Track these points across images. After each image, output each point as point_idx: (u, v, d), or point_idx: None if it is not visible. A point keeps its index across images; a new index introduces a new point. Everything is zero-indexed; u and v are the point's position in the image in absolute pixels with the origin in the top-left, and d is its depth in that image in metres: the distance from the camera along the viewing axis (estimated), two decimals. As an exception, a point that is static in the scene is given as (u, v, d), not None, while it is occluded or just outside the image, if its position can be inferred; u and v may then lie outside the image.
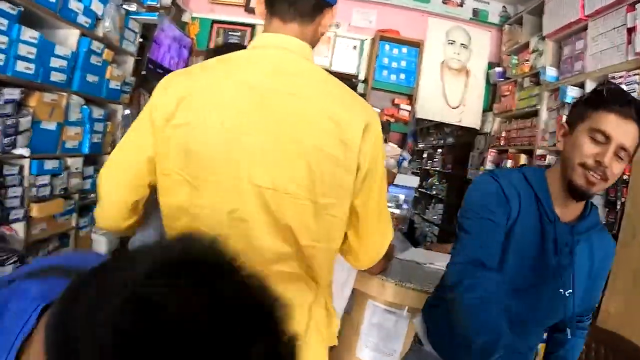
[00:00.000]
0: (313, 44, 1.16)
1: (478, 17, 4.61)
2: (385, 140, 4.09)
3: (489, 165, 4.31)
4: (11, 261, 2.15)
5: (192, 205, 1.08)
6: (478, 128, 4.66)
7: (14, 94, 2.23)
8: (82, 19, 2.69)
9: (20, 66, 2.24)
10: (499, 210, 1.24)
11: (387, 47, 4.43)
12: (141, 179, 1.13)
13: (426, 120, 4.89)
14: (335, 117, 1.05)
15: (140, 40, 3.48)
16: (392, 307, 2.14)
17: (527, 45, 3.98)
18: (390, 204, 2.93)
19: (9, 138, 2.23)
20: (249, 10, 4.38)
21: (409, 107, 4.45)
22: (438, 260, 2.35)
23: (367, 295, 2.21)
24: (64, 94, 2.64)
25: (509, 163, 3.94)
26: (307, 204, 1.06)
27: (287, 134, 1.04)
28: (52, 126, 2.58)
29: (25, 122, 2.32)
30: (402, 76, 4.44)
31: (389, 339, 2.15)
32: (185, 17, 4.25)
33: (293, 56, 1.09)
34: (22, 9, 2.19)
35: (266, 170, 1.04)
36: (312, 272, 1.15)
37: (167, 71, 3.81)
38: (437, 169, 7.13)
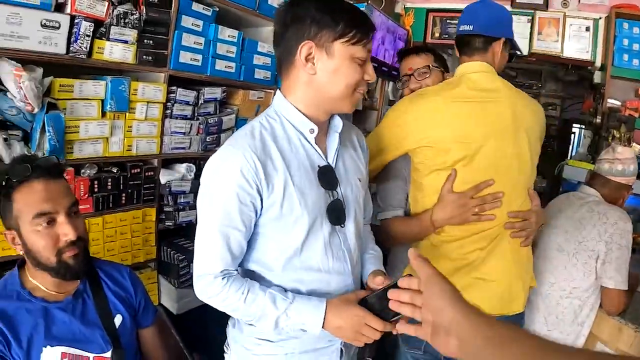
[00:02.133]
0: None
1: None
2: (629, 140, 3.19)
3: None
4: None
5: None
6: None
7: (215, 92, 2.26)
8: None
9: (220, 65, 2.28)
10: None
11: (625, 25, 3.40)
12: None
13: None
14: None
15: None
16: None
17: None
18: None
19: (212, 136, 2.28)
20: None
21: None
22: None
23: (598, 337, 1.90)
24: (270, 90, 2.63)
25: None
26: None
27: None
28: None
29: (228, 120, 2.35)
30: (647, 60, 3.36)
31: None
32: (398, 8, 4.00)
33: None
34: (217, 9, 2.22)
35: None
36: None
37: (382, 64, 3.67)
38: None
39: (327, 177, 1.28)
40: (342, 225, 1.31)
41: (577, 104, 5.51)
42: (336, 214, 1.29)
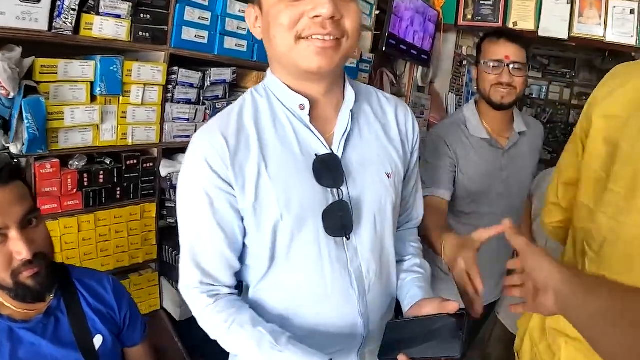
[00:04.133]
0: None
1: None
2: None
3: None
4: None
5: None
6: None
7: (224, 74, 2.02)
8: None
9: (230, 43, 2.03)
10: None
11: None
12: None
13: None
14: None
15: (377, 12, 3.07)
16: None
17: None
18: None
19: (220, 122, 2.04)
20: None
21: None
22: None
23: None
24: (287, 73, 2.36)
25: None
26: None
27: None
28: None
29: (238, 104, 2.11)
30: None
31: None
32: (429, -12, 3.68)
33: None
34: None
35: None
36: None
37: (411, 47, 3.38)
38: None
39: (327, 169, 0.98)
40: (347, 238, 1.01)
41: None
42: (336, 221, 0.97)
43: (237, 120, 0.98)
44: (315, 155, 0.98)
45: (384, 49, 3.07)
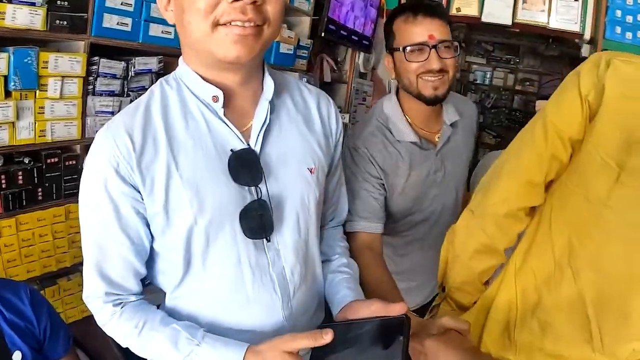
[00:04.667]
0: None
1: None
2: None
3: None
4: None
5: None
6: None
7: (149, 63, 1.92)
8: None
9: (156, 30, 1.93)
10: None
11: (619, -6, 3.08)
12: None
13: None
14: None
15: (316, -3, 3.02)
16: None
17: None
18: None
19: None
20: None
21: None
22: None
23: None
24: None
25: None
26: None
27: None
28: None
29: (168, 95, 2.01)
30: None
31: None
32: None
33: None
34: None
35: None
36: None
37: (352, 33, 3.35)
38: None
39: (244, 166, 0.91)
40: (268, 240, 0.94)
41: (556, 80, 5.33)
42: (255, 221, 0.91)
43: (143, 115, 0.89)
44: (231, 151, 0.91)
45: (323, 34, 3.02)
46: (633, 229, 0.85)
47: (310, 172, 1.00)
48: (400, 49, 1.42)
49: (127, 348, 0.96)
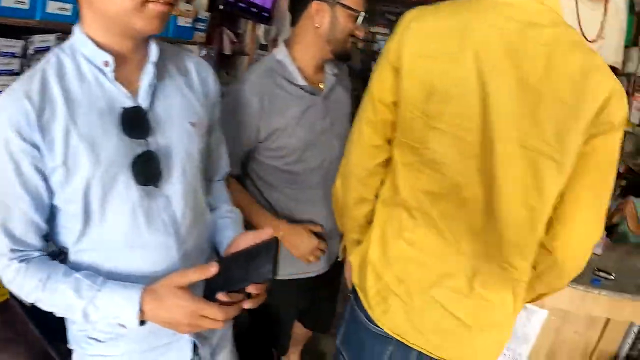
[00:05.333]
0: None
1: None
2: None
3: (635, 114, 3.20)
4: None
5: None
6: (619, 67, 3.47)
7: (48, 40, 1.95)
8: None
9: (53, 7, 1.95)
10: None
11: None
12: None
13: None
14: None
15: (213, -31, 3.08)
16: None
17: None
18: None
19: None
20: None
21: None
22: None
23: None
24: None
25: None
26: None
27: None
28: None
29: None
30: None
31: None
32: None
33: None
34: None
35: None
36: None
37: (251, 4, 3.44)
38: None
39: (134, 122, 1.03)
40: (156, 186, 1.07)
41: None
42: (145, 170, 1.03)
43: (40, 80, 0.98)
44: (122, 108, 1.02)
45: (220, 7, 3.12)
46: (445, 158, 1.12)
47: (193, 125, 1.15)
48: (343, 5, 1.61)
49: (49, 330, 1.07)
